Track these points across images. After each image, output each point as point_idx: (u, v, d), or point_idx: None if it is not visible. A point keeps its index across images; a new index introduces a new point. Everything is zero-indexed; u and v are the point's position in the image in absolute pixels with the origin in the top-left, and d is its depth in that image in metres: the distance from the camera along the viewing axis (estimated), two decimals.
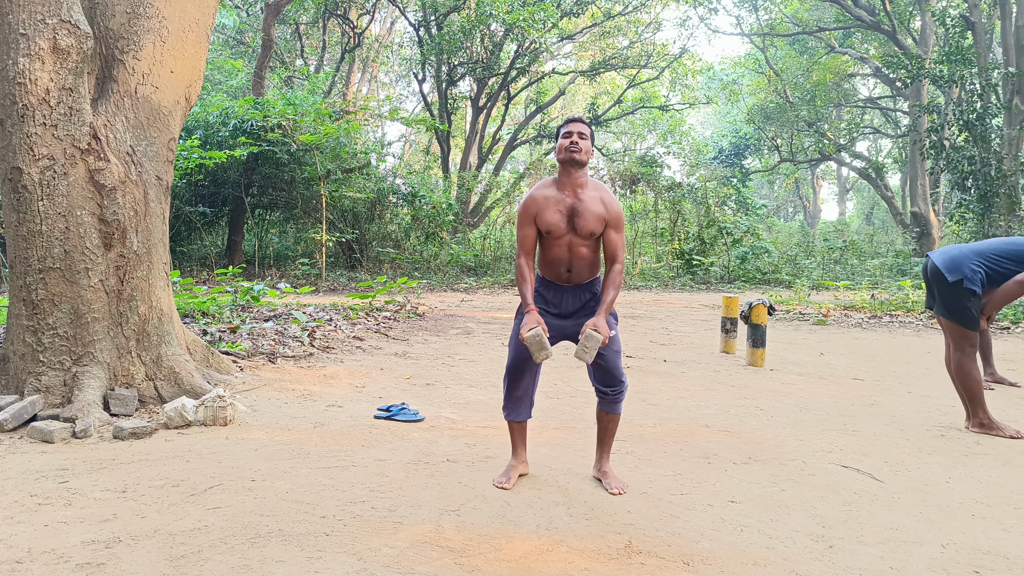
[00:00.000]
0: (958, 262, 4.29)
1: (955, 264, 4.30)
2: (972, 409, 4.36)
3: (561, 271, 3.15)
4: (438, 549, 2.53)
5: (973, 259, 4.29)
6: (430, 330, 8.11)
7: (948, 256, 4.37)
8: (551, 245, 3.13)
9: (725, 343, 7.16)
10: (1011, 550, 2.68)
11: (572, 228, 3.08)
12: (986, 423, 4.30)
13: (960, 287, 4.24)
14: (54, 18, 3.94)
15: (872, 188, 28.91)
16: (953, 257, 4.34)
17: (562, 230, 3.08)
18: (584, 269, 3.15)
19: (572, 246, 3.11)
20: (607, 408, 3.24)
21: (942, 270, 4.31)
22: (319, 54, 22.93)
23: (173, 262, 13.36)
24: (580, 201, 3.08)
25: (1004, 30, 16.49)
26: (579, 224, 3.07)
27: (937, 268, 4.35)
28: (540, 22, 17.52)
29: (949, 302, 4.32)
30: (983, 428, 4.31)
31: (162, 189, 4.57)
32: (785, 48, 27.41)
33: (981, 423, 4.32)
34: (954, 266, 4.29)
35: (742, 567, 2.48)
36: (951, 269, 4.29)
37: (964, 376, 4.33)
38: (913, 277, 15.62)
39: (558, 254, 3.12)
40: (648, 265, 18.45)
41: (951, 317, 4.32)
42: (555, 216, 3.08)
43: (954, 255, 4.36)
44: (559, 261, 3.14)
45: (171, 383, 4.37)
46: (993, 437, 4.23)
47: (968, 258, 4.30)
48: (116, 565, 2.35)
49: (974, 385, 4.32)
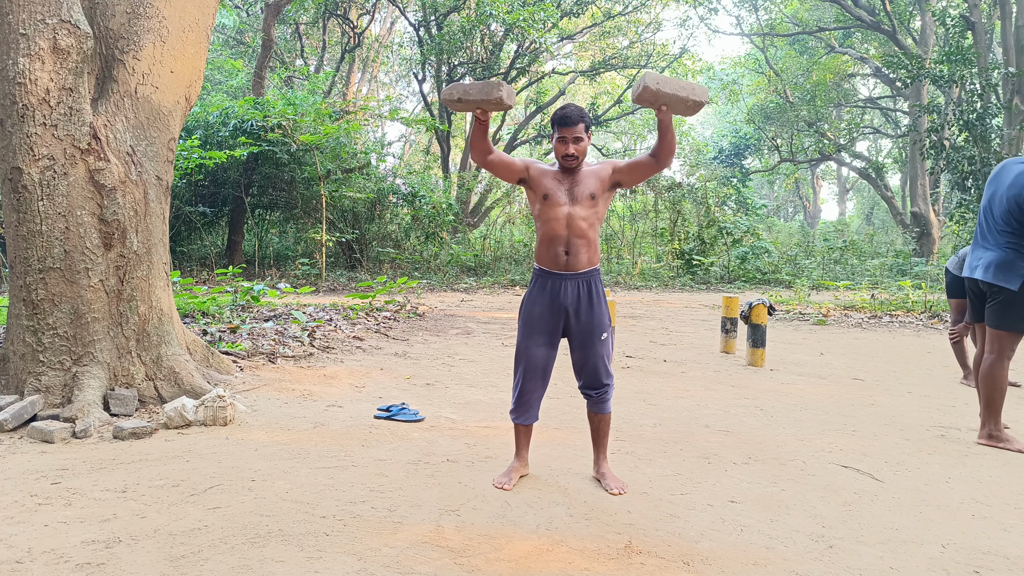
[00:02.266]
0: (1006, 265, 3.97)
1: (1005, 267, 3.97)
2: (985, 418, 4.14)
3: (559, 252, 3.10)
4: (438, 549, 2.53)
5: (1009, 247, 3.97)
6: (430, 330, 8.11)
7: (988, 263, 4.05)
8: (549, 217, 3.12)
9: (725, 343, 7.16)
10: (1011, 550, 2.68)
11: (571, 198, 3.11)
12: (995, 435, 4.10)
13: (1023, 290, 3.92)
14: (54, 18, 3.94)
15: (872, 188, 28.92)
16: (993, 263, 4.03)
17: (561, 199, 3.11)
18: (583, 251, 3.11)
19: (571, 220, 3.10)
20: (595, 409, 3.26)
21: (998, 284, 3.98)
22: (319, 54, 22.93)
23: (173, 262, 13.36)
24: (578, 182, 3.15)
25: (1004, 30, 16.49)
26: (577, 192, 3.11)
27: (991, 284, 4.03)
28: (540, 22, 17.52)
29: (1007, 310, 3.98)
30: (991, 440, 4.10)
31: (162, 189, 4.57)
32: (785, 48, 27.42)
33: (990, 434, 4.11)
34: (1006, 270, 3.97)
35: (742, 567, 2.48)
36: (1005, 276, 3.96)
37: (992, 381, 4.06)
38: (913, 277, 15.62)
39: (556, 229, 3.10)
40: (648, 265, 18.44)
41: (1007, 326, 4.00)
42: (553, 184, 3.14)
43: (994, 260, 4.02)
44: (558, 238, 3.10)
45: (171, 383, 4.37)
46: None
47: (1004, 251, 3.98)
48: (116, 565, 2.35)
49: (996, 393, 4.07)
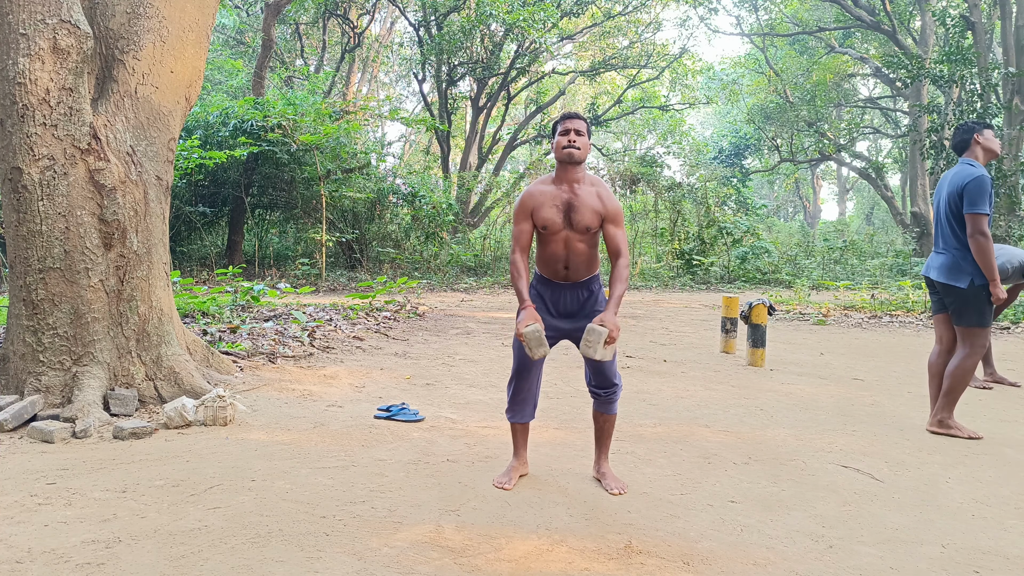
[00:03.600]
0: (954, 266, 4.13)
1: (953, 268, 4.13)
2: (941, 406, 4.24)
3: (559, 268, 3.14)
4: (438, 549, 2.53)
5: (955, 249, 4.12)
6: (430, 330, 8.11)
7: (940, 265, 4.21)
8: (548, 241, 3.12)
9: (725, 343, 7.16)
10: (1011, 550, 2.68)
11: (568, 223, 3.07)
12: (946, 422, 4.24)
13: (973, 288, 4.06)
14: (54, 18, 3.94)
15: (872, 188, 28.91)
16: (943, 264, 4.18)
17: (558, 225, 3.07)
18: (581, 266, 3.13)
19: (569, 242, 3.09)
20: (602, 409, 3.25)
21: (950, 283, 4.13)
22: (319, 54, 22.93)
23: (173, 262, 13.36)
24: (576, 196, 3.08)
25: (1004, 30, 16.48)
26: (575, 219, 3.06)
27: (944, 284, 4.17)
28: (540, 22, 17.51)
29: (963, 308, 4.12)
30: (941, 426, 4.24)
31: (162, 189, 4.57)
32: (785, 48, 27.41)
33: (941, 421, 4.25)
34: (955, 270, 4.12)
35: (742, 567, 2.48)
36: (955, 276, 4.11)
37: (961, 373, 4.15)
38: (913, 277, 15.62)
39: (555, 250, 3.11)
40: (648, 265, 18.45)
41: (968, 323, 4.13)
42: (551, 212, 3.07)
43: (944, 262, 4.18)
44: (556, 258, 3.12)
45: (171, 383, 4.37)
46: (989, 438, 4.23)
47: (952, 252, 4.13)
48: (116, 565, 2.35)
49: (960, 386, 4.18)
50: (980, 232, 3.96)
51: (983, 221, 3.95)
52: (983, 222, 3.95)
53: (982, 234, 3.96)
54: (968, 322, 4.14)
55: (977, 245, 3.98)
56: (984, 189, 3.97)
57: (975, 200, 3.97)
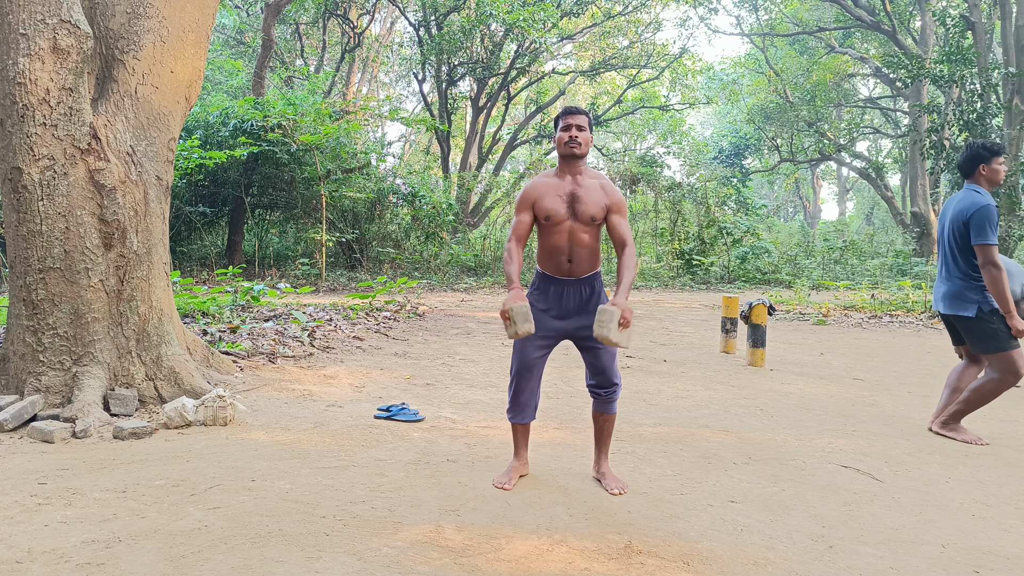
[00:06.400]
0: (958, 295, 4.06)
1: (958, 297, 4.06)
2: (952, 413, 4.21)
3: (562, 261, 3.12)
4: (438, 549, 2.53)
5: (958, 277, 4.06)
6: (430, 330, 8.11)
7: (944, 294, 4.13)
8: (551, 233, 3.11)
9: (725, 343, 7.16)
10: (1011, 550, 2.68)
11: (573, 213, 3.08)
12: (952, 426, 4.21)
13: (982, 315, 3.99)
14: (54, 18, 3.94)
15: (872, 188, 28.92)
16: (948, 294, 4.11)
17: (562, 215, 3.08)
18: (585, 259, 3.12)
19: (573, 233, 3.09)
20: (602, 408, 3.25)
21: (957, 314, 4.06)
22: (319, 54, 22.92)
23: (173, 262, 13.36)
24: (580, 187, 3.09)
25: (1004, 30, 16.48)
26: (579, 209, 3.07)
27: (954, 316, 4.10)
28: (540, 22, 17.51)
29: (978, 336, 4.03)
30: (945, 428, 4.23)
31: (162, 189, 4.57)
32: (785, 48, 27.41)
33: (944, 422, 4.23)
34: (960, 299, 4.04)
35: (742, 567, 2.48)
36: (961, 305, 4.04)
37: (985, 394, 4.07)
38: (913, 277, 15.62)
39: (559, 242, 3.10)
40: (648, 265, 18.45)
41: (986, 350, 4.01)
42: (555, 202, 3.08)
43: (948, 291, 4.11)
44: (560, 250, 3.11)
45: (171, 383, 4.37)
46: (989, 438, 4.23)
47: (955, 281, 4.08)
48: (116, 565, 2.35)
49: (980, 403, 4.11)
50: (992, 263, 3.87)
51: (993, 251, 3.87)
52: (993, 252, 3.86)
53: (994, 265, 3.87)
54: (987, 349, 4.02)
55: (990, 276, 3.89)
56: (991, 219, 3.89)
57: (982, 231, 3.89)
